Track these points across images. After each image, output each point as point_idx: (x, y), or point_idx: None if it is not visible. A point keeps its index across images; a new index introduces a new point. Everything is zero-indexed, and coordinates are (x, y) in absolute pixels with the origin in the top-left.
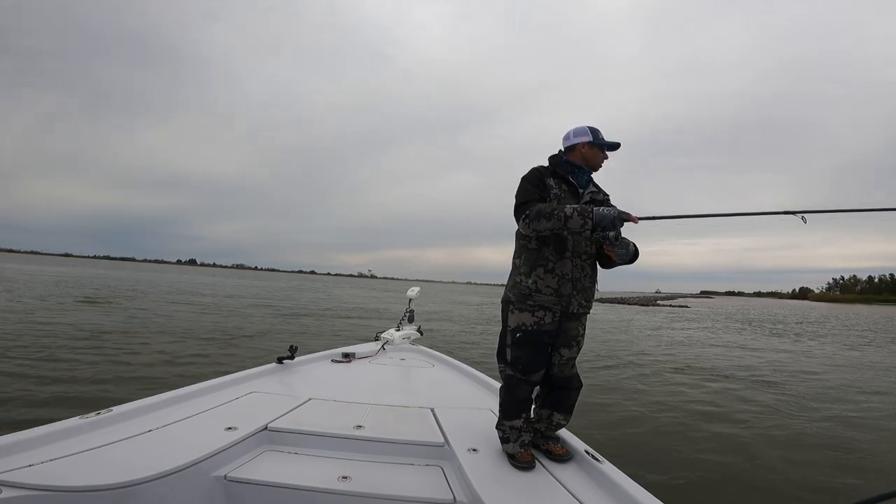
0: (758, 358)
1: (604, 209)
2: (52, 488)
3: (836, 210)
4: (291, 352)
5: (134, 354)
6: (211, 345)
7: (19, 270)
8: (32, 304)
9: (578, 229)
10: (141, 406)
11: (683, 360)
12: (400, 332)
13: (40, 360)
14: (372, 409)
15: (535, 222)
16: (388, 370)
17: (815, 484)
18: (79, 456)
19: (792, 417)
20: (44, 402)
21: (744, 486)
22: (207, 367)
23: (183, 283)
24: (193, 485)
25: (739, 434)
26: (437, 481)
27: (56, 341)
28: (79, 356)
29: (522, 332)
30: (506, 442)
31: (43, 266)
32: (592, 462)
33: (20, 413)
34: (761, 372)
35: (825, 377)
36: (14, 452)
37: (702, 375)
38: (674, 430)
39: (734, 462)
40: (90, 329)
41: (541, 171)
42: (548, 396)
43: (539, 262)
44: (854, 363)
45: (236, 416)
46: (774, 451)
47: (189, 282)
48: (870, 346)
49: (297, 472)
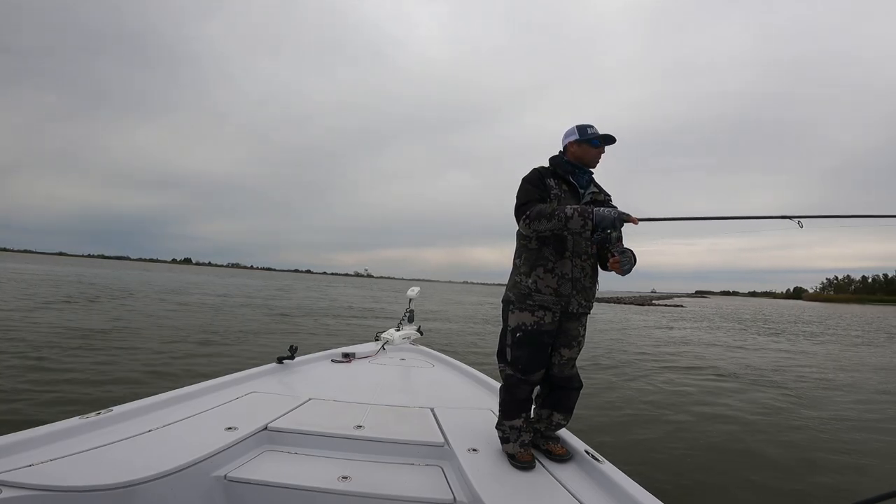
0: (756, 357)
1: (604, 210)
2: (52, 488)
3: (832, 216)
4: (291, 352)
5: (110, 359)
6: (182, 348)
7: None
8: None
9: (579, 230)
10: (141, 406)
11: (681, 360)
12: (400, 332)
13: (23, 361)
14: (372, 409)
15: (535, 223)
16: (388, 370)
17: (815, 484)
18: (79, 456)
19: (791, 417)
20: (37, 403)
21: (744, 486)
22: (181, 370)
23: (171, 282)
24: (193, 485)
25: (739, 433)
26: (437, 481)
27: (36, 341)
28: (61, 357)
29: (522, 331)
30: (506, 442)
31: (26, 265)
32: (592, 462)
33: (20, 413)
34: (760, 371)
35: (823, 376)
36: (14, 452)
37: (700, 375)
38: (673, 429)
39: (734, 461)
40: (64, 329)
41: (541, 172)
42: (548, 396)
43: (539, 262)
44: (853, 362)
45: (236, 416)
46: (774, 451)
47: (179, 280)
48: (870, 346)
49: (297, 472)
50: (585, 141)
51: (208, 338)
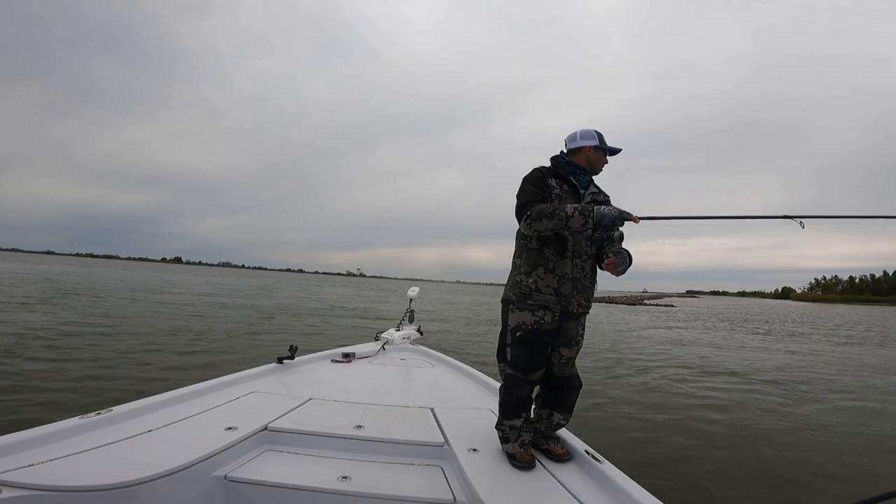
0: (752, 356)
1: (605, 208)
2: (52, 488)
3: (833, 216)
4: (291, 352)
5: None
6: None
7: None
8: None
9: (580, 228)
10: (141, 406)
11: (679, 360)
12: (400, 332)
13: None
14: (372, 409)
15: (536, 222)
16: (388, 370)
17: (816, 484)
18: (79, 456)
19: (791, 417)
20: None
21: (744, 486)
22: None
23: (147, 281)
24: (193, 485)
25: (739, 433)
26: (437, 481)
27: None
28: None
29: (522, 331)
30: (506, 442)
31: (3, 262)
32: (592, 462)
33: (20, 413)
34: (757, 370)
35: (820, 376)
36: (14, 452)
37: (698, 375)
38: (673, 429)
39: (735, 461)
40: (24, 329)
41: (542, 172)
42: (548, 396)
43: (540, 262)
44: (843, 361)
45: (236, 416)
46: (775, 451)
47: (155, 279)
48: (859, 345)
49: (297, 472)
50: (602, 150)
51: (151, 343)
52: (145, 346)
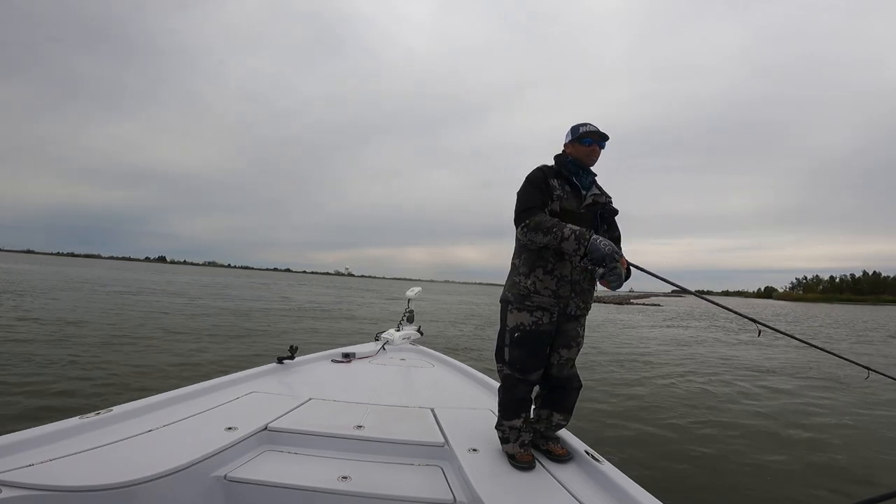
0: (748, 354)
1: (601, 241)
2: (52, 488)
3: (786, 333)
4: (291, 352)
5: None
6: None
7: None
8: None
9: (571, 252)
10: (141, 406)
11: (677, 360)
12: (400, 333)
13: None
14: (372, 409)
15: (532, 233)
16: (388, 370)
17: (816, 484)
18: (79, 456)
19: (792, 417)
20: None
21: (744, 486)
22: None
23: (100, 279)
24: (193, 485)
25: (739, 433)
26: (436, 481)
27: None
28: None
29: (521, 331)
30: (505, 442)
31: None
32: (592, 462)
33: (20, 413)
34: (754, 370)
35: (814, 374)
36: (14, 452)
37: (696, 374)
38: (673, 429)
39: (735, 461)
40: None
41: (545, 172)
42: (547, 396)
43: (539, 263)
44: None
45: (236, 416)
46: (775, 451)
47: (107, 278)
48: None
49: (297, 472)
50: (577, 140)
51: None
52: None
